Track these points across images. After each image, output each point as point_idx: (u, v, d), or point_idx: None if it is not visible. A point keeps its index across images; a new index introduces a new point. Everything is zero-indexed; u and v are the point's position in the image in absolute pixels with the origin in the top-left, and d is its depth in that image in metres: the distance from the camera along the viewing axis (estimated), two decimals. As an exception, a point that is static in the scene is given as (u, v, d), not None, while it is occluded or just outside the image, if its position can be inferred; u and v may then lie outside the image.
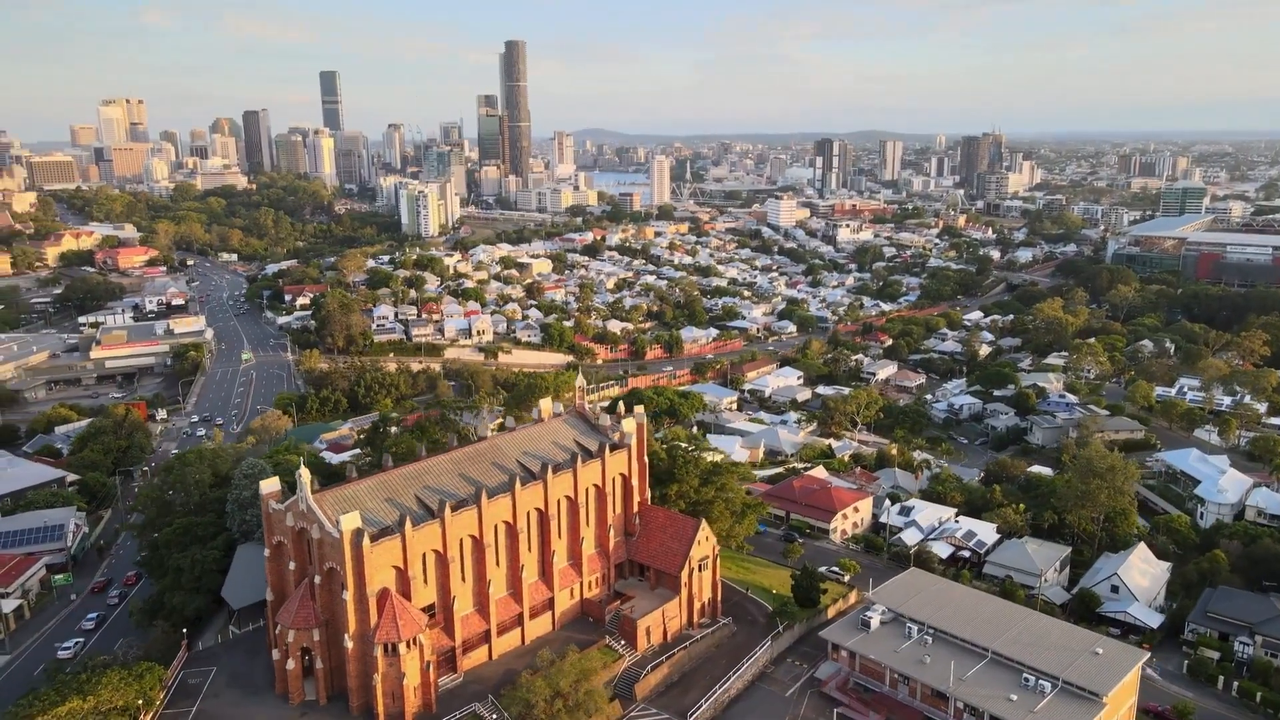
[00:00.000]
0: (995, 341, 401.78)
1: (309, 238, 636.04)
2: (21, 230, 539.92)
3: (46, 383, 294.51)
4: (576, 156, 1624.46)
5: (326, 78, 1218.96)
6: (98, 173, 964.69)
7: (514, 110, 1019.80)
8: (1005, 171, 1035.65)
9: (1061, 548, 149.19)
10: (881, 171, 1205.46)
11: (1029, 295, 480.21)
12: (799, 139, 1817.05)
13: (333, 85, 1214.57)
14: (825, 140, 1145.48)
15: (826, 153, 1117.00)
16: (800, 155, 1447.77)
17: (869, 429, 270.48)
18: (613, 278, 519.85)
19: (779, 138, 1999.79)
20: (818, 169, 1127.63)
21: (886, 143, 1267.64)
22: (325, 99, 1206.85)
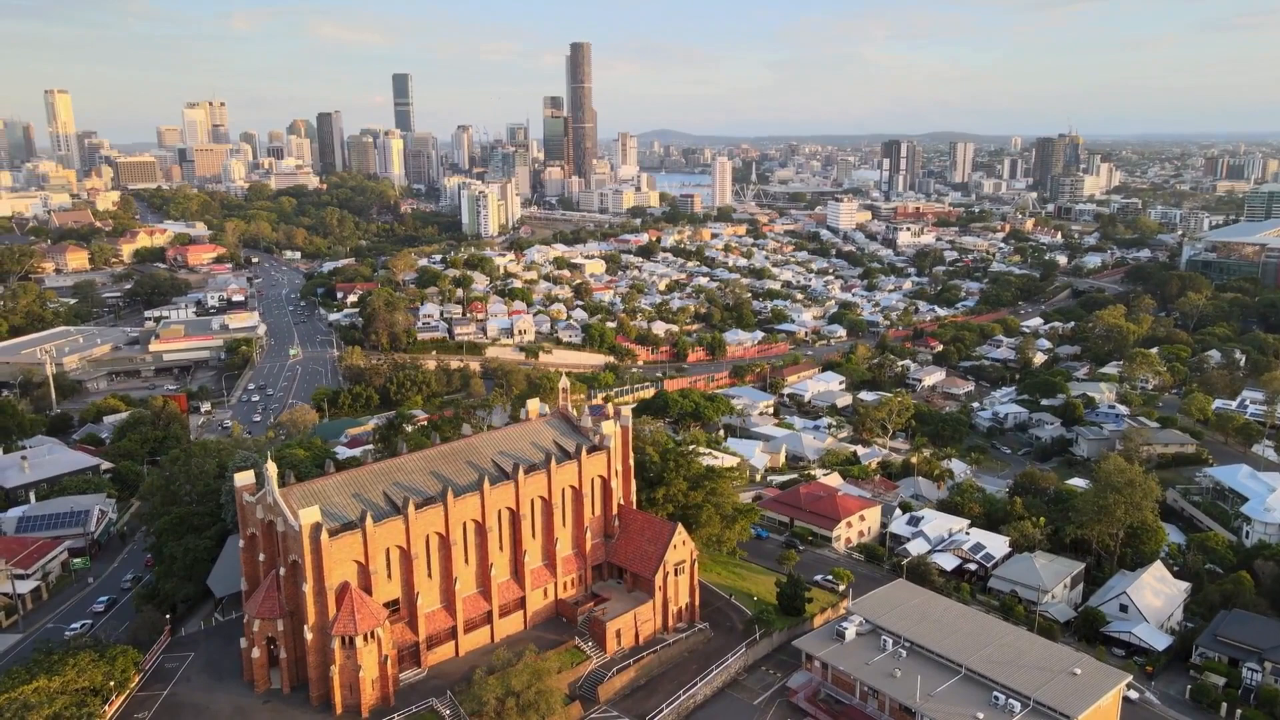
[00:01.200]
0: (1052, 349, 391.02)
1: (372, 237, 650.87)
2: (101, 228, 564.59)
3: (108, 374, 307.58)
4: (644, 158, 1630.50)
5: (399, 80, 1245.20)
6: (180, 172, 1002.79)
7: (578, 111, 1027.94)
8: (1081, 174, 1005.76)
9: (1073, 563, 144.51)
10: (951, 174, 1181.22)
11: (1093, 302, 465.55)
12: (869, 140, 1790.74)
13: (405, 88, 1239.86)
14: (893, 142, 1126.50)
15: (894, 154, 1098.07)
16: (869, 157, 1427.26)
17: (906, 436, 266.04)
18: (665, 279, 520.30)
19: (849, 139, 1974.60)
20: (885, 171, 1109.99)
21: (957, 144, 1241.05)
22: (397, 101, 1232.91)
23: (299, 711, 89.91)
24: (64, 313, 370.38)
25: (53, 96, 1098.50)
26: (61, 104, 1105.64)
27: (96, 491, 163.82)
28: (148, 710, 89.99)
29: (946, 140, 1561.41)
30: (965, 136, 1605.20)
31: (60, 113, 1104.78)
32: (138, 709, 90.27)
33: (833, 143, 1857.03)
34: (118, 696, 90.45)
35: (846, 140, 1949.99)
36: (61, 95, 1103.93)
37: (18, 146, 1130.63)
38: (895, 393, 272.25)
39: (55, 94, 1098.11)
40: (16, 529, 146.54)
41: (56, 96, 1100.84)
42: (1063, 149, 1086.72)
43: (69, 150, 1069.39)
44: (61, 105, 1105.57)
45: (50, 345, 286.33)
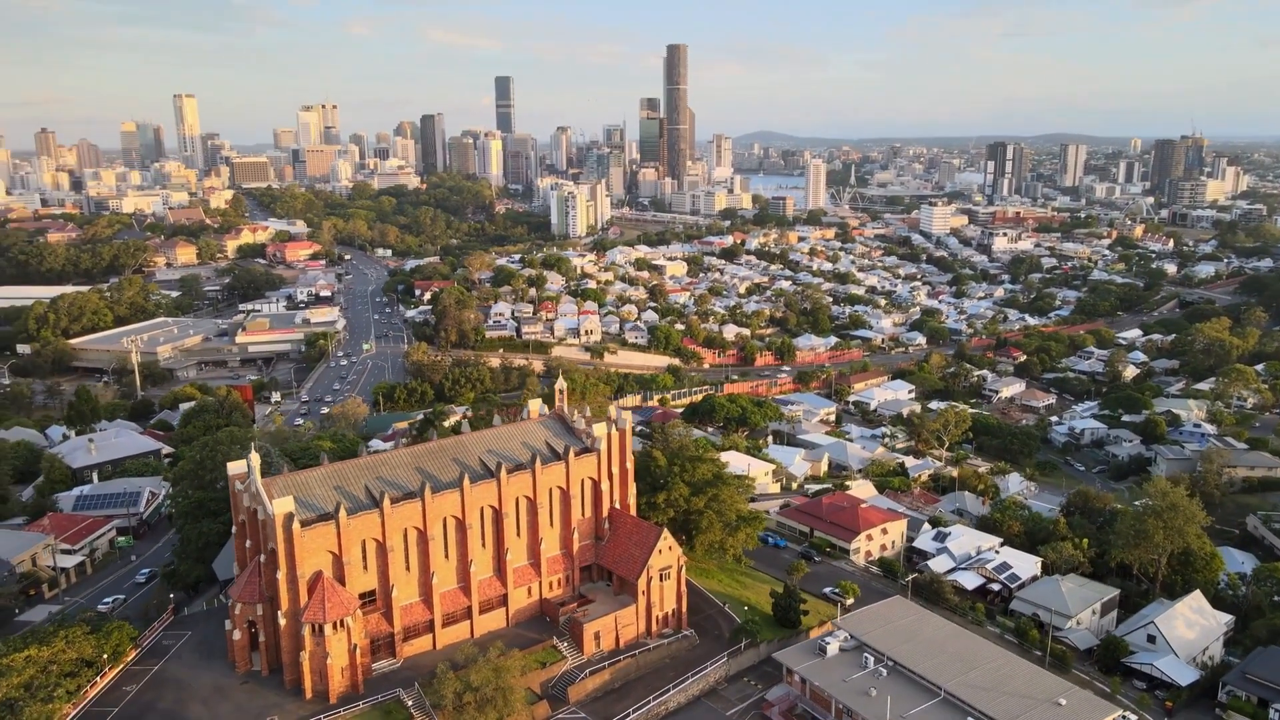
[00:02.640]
0: (1147, 363, 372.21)
1: (463, 236, 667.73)
2: (210, 224, 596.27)
3: (197, 363, 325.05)
4: (742, 160, 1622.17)
5: (501, 82, 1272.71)
6: (291, 172, 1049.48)
7: (673, 113, 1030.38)
8: (1203, 177, 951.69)
9: (1106, 589, 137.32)
10: (1061, 177, 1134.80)
11: (1200, 314, 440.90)
12: (977, 142, 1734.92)
13: (507, 90, 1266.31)
14: (998, 144, 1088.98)
15: (999, 157, 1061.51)
16: (975, 160, 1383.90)
17: (971, 448, 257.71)
18: (746, 282, 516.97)
19: (955, 141, 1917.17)
20: (989, 174, 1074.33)
21: (1068, 146, 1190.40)
22: (499, 103, 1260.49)
23: (273, 694, 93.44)
24: (165, 304, 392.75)
25: (181, 101, 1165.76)
26: (189, 108, 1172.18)
27: (154, 475, 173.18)
28: (136, 683, 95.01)
29: (1060, 142, 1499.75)
30: (1080, 138, 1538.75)
31: (187, 116, 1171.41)
32: (129, 682, 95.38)
33: (938, 144, 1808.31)
34: (111, 668, 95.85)
35: (953, 142, 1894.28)
36: (189, 99, 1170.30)
37: (149, 148, 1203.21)
38: (954, 404, 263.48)
39: (183, 98, 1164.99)
40: (73, 507, 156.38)
41: (184, 101, 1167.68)
42: (1184, 151, 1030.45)
43: (193, 151, 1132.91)
44: (189, 109, 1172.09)
45: (138, 336, 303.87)
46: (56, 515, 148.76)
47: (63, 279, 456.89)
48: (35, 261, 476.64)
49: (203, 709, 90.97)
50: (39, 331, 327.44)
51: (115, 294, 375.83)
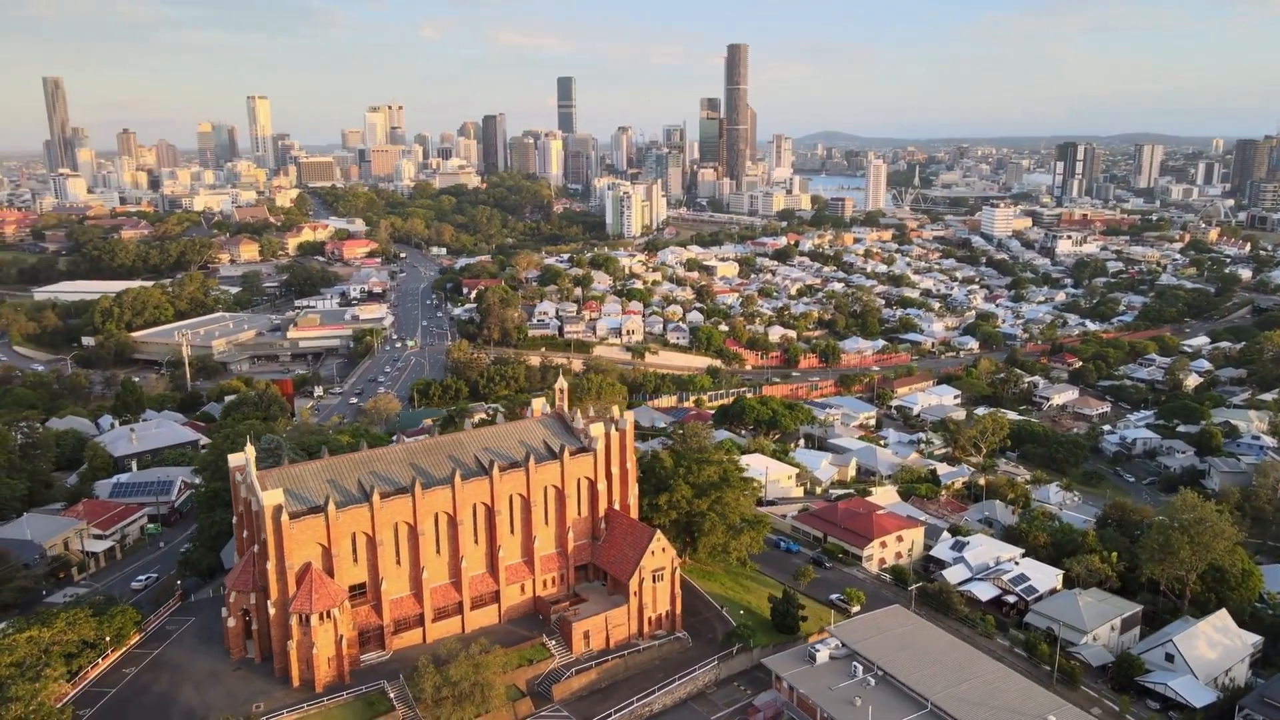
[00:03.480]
0: (1211, 371, 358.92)
1: (518, 235, 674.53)
2: (273, 222, 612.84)
3: (250, 357, 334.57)
4: (804, 160, 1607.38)
5: (563, 83, 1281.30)
6: (357, 172, 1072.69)
7: (733, 113, 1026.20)
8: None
9: (1128, 605, 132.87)
10: (1136, 178, 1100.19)
11: (1274, 320, 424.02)
12: (1049, 142, 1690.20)
13: (568, 90, 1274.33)
14: (1069, 144, 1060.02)
15: (1069, 157, 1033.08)
16: (1046, 160, 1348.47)
17: (1014, 456, 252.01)
18: (798, 284, 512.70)
19: (1027, 141, 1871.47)
20: (1058, 175, 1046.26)
21: (1144, 147, 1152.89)
22: (561, 103, 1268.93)
23: (263, 681, 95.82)
24: (224, 300, 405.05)
25: (254, 102, 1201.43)
26: (261, 109, 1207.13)
27: (190, 465, 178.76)
28: (136, 666, 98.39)
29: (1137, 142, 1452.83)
30: (1159, 138, 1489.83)
31: (260, 117, 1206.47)
32: (129, 664, 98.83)
33: (1008, 145, 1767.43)
34: (114, 651, 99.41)
35: (1023, 142, 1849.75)
36: (262, 101, 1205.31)
37: (223, 148, 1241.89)
38: (993, 411, 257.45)
39: (256, 100, 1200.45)
40: (109, 494, 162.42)
41: (257, 102, 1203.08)
42: (1267, 152, 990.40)
43: (265, 151, 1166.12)
44: (261, 110, 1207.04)
45: (189, 330, 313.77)
46: (90, 502, 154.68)
47: (132, 274, 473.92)
48: (107, 257, 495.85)
49: (194, 693, 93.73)
50: (103, 325, 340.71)
51: (177, 289, 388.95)
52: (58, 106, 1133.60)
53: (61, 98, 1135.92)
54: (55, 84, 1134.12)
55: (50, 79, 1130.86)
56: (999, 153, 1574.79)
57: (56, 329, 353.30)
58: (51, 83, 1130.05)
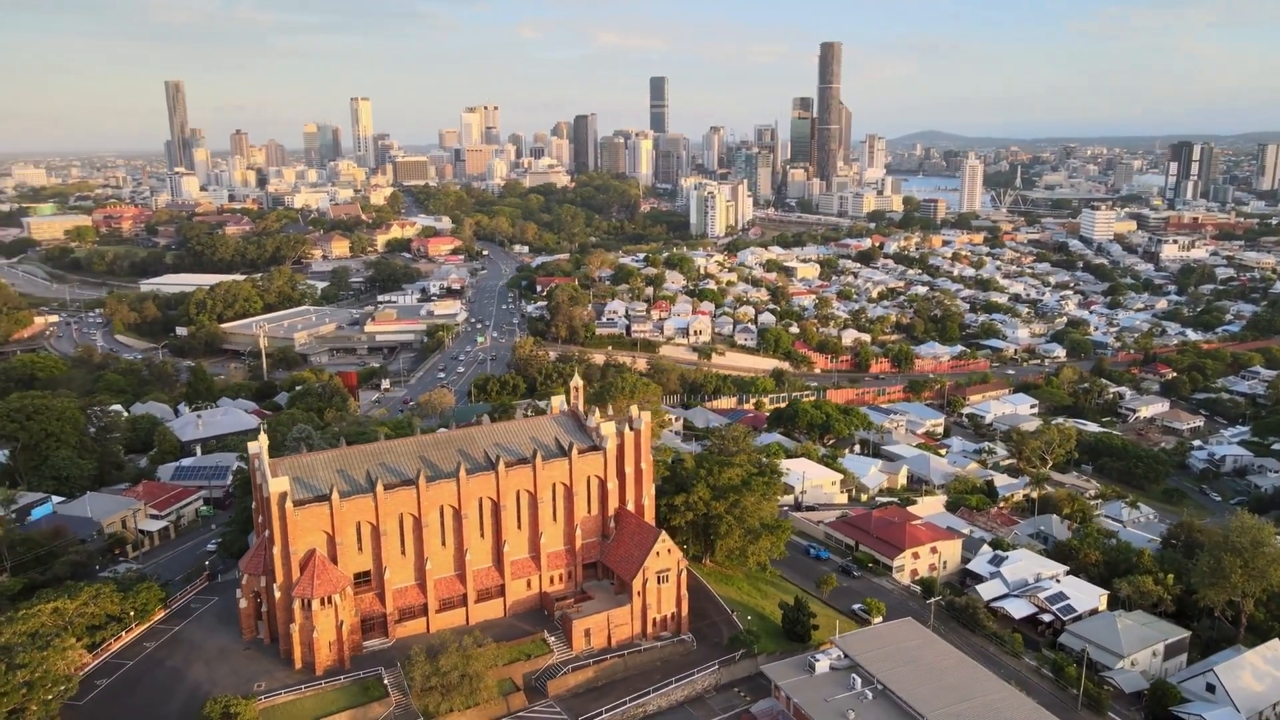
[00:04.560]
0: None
1: (601, 234, 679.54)
2: (365, 220, 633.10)
3: (329, 350, 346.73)
4: (901, 160, 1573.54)
5: (656, 83, 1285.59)
6: (451, 171, 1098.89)
7: (825, 112, 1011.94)
8: None
9: (1174, 630, 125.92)
10: (1259, 180, 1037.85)
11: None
12: (1165, 141, 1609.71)
13: (661, 90, 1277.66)
14: (1183, 144, 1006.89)
15: (1184, 158, 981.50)
16: (1160, 161, 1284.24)
17: (1089, 469, 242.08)
18: (879, 286, 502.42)
19: (1141, 141, 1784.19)
20: (1171, 176, 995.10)
21: (1268, 146, 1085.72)
22: (653, 103, 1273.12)
23: (268, 661, 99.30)
24: (310, 294, 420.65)
25: (357, 104, 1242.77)
26: (364, 110, 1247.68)
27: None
28: (156, 640, 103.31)
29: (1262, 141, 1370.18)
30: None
31: (362, 118, 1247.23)
32: (150, 639, 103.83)
33: (1120, 144, 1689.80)
34: (137, 625, 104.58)
35: (1137, 142, 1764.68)
36: (364, 102, 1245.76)
37: (327, 147, 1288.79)
38: (1062, 421, 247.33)
39: (359, 101, 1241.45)
40: (171, 476, 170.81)
41: (360, 104, 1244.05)
42: None
43: (366, 151, 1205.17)
44: (364, 111, 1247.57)
45: (266, 323, 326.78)
46: (150, 483, 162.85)
47: (231, 268, 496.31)
48: (209, 252, 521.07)
49: (204, 669, 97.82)
50: (196, 316, 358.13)
51: (266, 283, 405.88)
52: (178, 109, 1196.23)
53: (181, 100, 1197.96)
54: (176, 87, 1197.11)
55: (172, 82, 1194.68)
56: (1109, 153, 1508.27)
57: (155, 319, 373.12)
58: (173, 86, 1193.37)
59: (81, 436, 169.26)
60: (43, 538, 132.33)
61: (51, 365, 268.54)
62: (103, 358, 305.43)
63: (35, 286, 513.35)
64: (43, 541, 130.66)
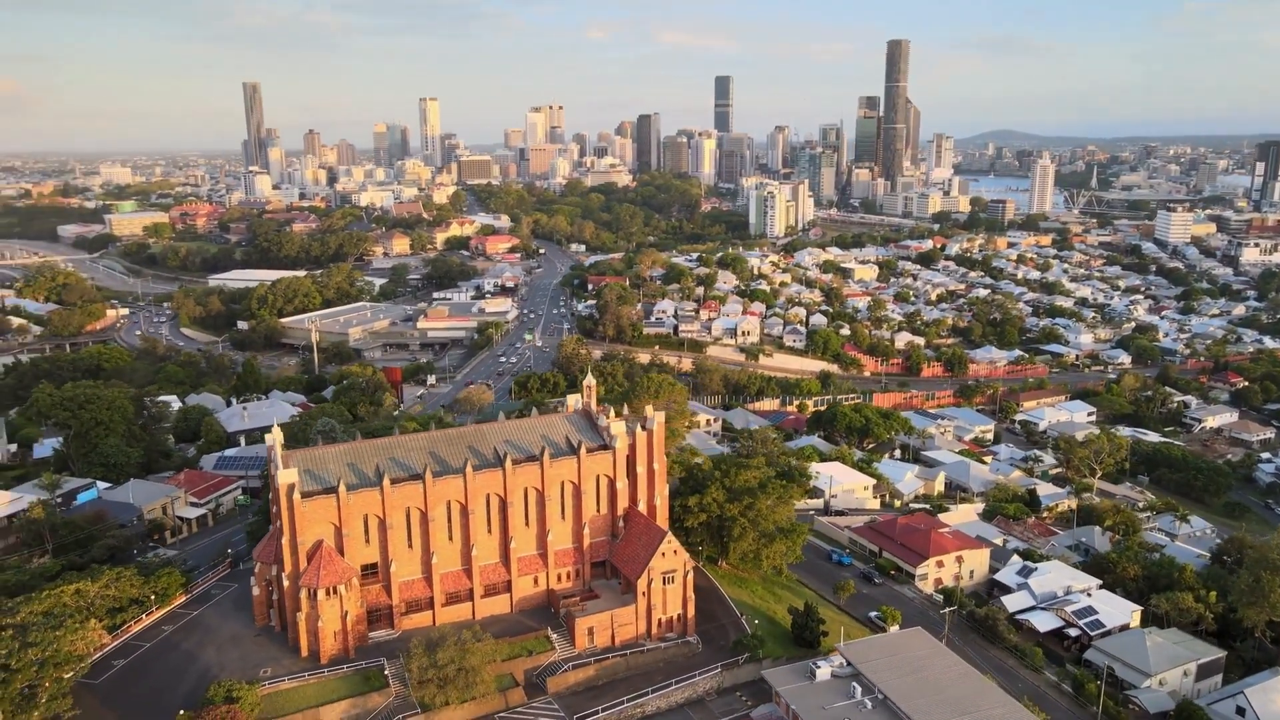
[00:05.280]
0: None
1: (660, 233, 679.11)
2: (426, 218, 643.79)
3: (382, 345, 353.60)
4: (972, 160, 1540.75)
5: (721, 82, 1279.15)
6: (515, 170, 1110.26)
7: (891, 111, 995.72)
8: None
9: (1208, 649, 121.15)
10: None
11: None
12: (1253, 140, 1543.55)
13: (726, 89, 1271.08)
14: (1271, 143, 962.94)
15: (1271, 157, 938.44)
16: (1247, 160, 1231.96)
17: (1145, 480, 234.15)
18: (939, 289, 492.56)
19: (1227, 140, 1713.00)
20: (1258, 176, 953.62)
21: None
22: (718, 103, 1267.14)
23: (276, 648, 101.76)
24: (367, 290, 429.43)
25: (425, 104, 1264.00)
26: (432, 110, 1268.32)
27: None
28: (174, 624, 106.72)
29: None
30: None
31: (430, 117, 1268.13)
32: (169, 622, 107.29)
33: (1204, 144, 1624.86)
34: (157, 609, 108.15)
35: (1223, 141, 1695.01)
36: (432, 102, 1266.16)
37: (396, 147, 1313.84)
38: (1112, 429, 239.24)
39: (427, 101, 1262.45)
40: (214, 466, 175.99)
41: (428, 104, 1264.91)
42: None
43: (433, 150, 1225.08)
44: (431, 111, 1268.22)
45: (332, 318, 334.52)
46: (191, 472, 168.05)
47: (296, 265, 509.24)
48: (276, 249, 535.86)
49: (214, 654, 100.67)
50: (258, 310, 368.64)
51: (325, 279, 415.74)
52: (255, 109, 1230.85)
53: (258, 101, 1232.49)
54: (253, 88, 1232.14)
55: (249, 84, 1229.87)
56: (1193, 152, 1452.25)
57: (219, 313, 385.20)
58: (250, 87, 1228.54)
59: (130, 425, 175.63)
60: (84, 521, 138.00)
61: (117, 356, 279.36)
62: (166, 350, 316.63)
63: (113, 280, 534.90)
64: (84, 525, 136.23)
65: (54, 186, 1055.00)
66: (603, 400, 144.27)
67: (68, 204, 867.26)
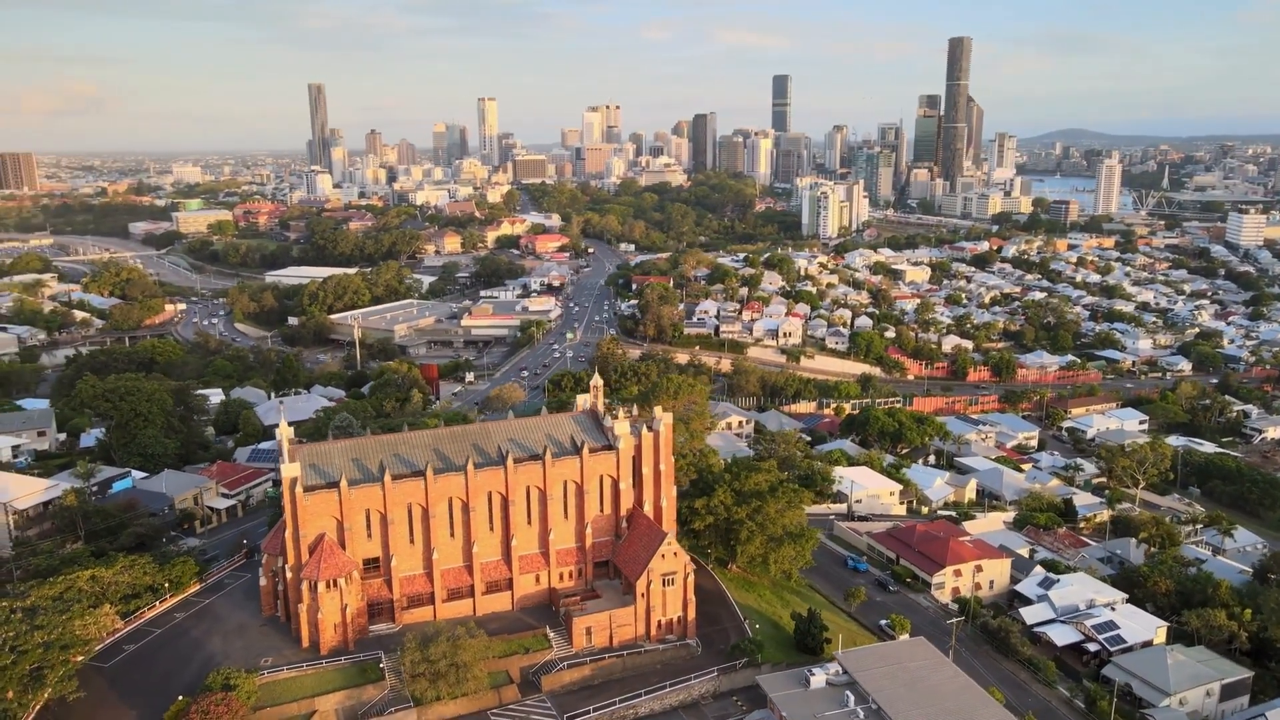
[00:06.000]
0: None
1: (711, 233, 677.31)
2: (478, 216, 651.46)
3: (427, 342, 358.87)
4: (1038, 160, 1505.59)
5: (779, 81, 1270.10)
6: (570, 169, 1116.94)
7: (951, 110, 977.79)
8: None
9: (1235, 669, 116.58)
10: None
11: None
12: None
13: (784, 89, 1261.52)
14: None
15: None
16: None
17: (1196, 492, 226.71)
18: (993, 291, 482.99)
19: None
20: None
21: None
22: (775, 102, 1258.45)
23: (279, 638, 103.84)
24: (415, 287, 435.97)
25: (484, 104, 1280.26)
26: (490, 110, 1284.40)
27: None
28: (186, 611, 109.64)
29: None
30: None
31: (488, 117, 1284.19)
32: (182, 609, 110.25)
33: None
34: (171, 595, 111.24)
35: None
36: (490, 102, 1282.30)
37: (454, 146, 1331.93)
38: (1157, 438, 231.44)
39: (485, 101, 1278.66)
40: (247, 458, 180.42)
41: (486, 104, 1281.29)
42: None
43: (491, 150, 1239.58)
44: (490, 111, 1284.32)
45: (371, 316, 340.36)
46: (224, 464, 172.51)
47: (350, 262, 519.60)
48: (331, 246, 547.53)
49: (220, 642, 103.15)
50: (308, 306, 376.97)
51: (374, 277, 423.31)
52: (319, 110, 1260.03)
53: (323, 102, 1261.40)
54: (318, 89, 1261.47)
55: (314, 85, 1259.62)
56: (1273, 151, 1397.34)
57: (272, 309, 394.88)
58: (315, 88, 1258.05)
59: (168, 417, 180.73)
60: (115, 509, 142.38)
61: (170, 350, 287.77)
62: (217, 344, 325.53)
63: (177, 276, 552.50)
64: (115, 513, 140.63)
65: (128, 185, 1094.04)
66: (625, 400, 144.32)
67: (139, 202, 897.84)
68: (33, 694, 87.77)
